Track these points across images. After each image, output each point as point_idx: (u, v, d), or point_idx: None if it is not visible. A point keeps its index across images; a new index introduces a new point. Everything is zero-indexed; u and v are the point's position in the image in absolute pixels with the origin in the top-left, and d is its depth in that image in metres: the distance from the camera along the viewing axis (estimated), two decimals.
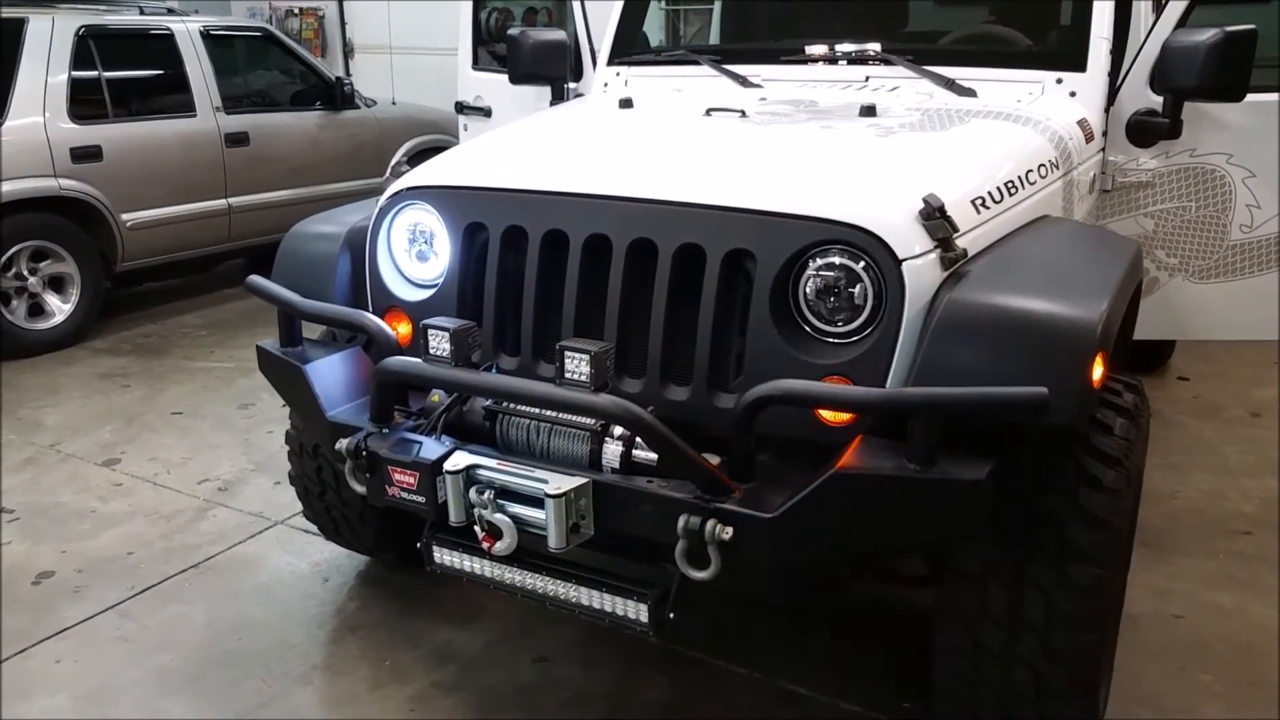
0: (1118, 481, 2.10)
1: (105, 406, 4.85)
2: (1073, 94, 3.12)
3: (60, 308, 5.70)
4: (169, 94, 6.15)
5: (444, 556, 2.38)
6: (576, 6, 4.17)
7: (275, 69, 7.02)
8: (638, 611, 2.17)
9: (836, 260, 2.11)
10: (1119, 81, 3.27)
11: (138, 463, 4.21)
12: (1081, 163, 2.96)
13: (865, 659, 2.85)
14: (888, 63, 3.24)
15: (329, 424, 2.42)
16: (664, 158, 2.57)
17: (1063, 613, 2.09)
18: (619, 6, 3.84)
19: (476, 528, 2.17)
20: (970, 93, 3.09)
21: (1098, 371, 1.94)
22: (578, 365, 2.01)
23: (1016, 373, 1.91)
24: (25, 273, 5.53)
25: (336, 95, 7.09)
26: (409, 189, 2.58)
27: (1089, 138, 3.06)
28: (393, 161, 2.82)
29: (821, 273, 2.13)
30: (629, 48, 3.82)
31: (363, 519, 3.02)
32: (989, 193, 2.35)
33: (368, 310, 2.63)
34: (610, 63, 3.79)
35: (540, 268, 2.37)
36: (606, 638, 2.88)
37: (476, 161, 2.65)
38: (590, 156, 2.64)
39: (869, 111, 2.79)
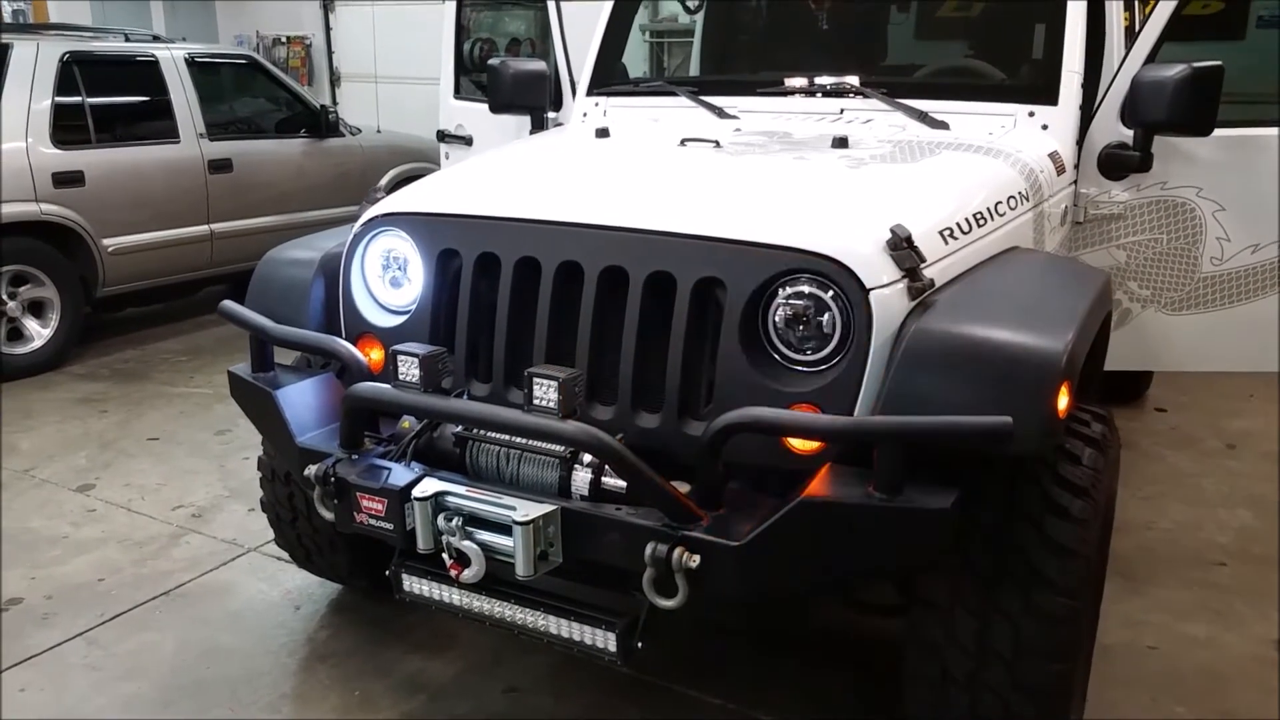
0: (1085, 511, 2.11)
1: (81, 432, 4.82)
2: (1045, 126, 3.15)
3: (39, 332, 5.68)
4: (153, 120, 6.16)
5: (413, 585, 2.36)
6: (556, 37, 4.21)
7: (260, 96, 7.04)
8: (606, 640, 2.16)
9: (805, 289, 2.12)
10: (1091, 114, 3.31)
11: (112, 488, 4.18)
12: (1053, 194, 2.99)
13: (838, 688, 2.84)
14: (863, 95, 3.28)
15: (298, 450, 2.41)
16: (636, 186, 2.59)
17: (1030, 642, 2.09)
18: (598, 38, 3.87)
19: (445, 555, 2.16)
20: (943, 125, 3.12)
21: (1063, 401, 1.95)
22: (545, 392, 2.01)
23: (982, 402, 1.92)
24: (4, 297, 5.50)
25: (321, 123, 7.11)
26: (383, 215, 2.59)
27: (1060, 170, 3.09)
28: (374, 188, 2.79)
29: (790, 301, 2.14)
30: (608, 78, 3.85)
31: (334, 546, 3.00)
32: (958, 223, 2.38)
33: (341, 336, 2.64)
34: (589, 93, 3.82)
35: (512, 294, 2.38)
36: (578, 667, 2.87)
37: (450, 189, 2.66)
38: (563, 185, 2.66)
39: (841, 143, 2.82)
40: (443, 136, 4.93)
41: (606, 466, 2.13)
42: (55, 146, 5.59)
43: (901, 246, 2.11)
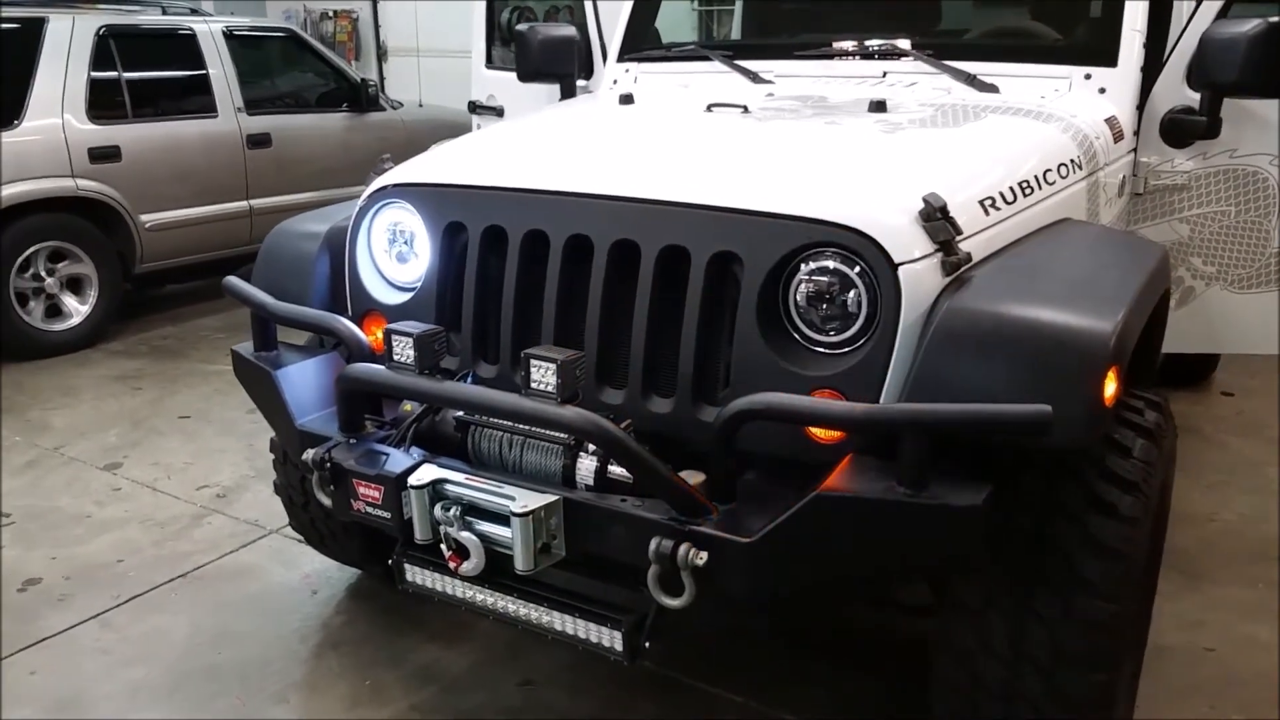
0: (1134, 509, 1.92)
1: (114, 409, 4.81)
2: (1102, 90, 2.93)
3: (77, 309, 5.69)
4: (190, 94, 6.13)
5: (416, 575, 2.26)
6: (588, 2, 4.04)
7: (300, 70, 6.98)
8: (611, 639, 2.03)
9: (829, 264, 1.96)
10: (1153, 77, 3.07)
11: (139, 467, 4.15)
12: (1109, 163, 2.77)
13: (866, 689, 2.68)
14: (907, 57, 3.07)
15: (297, 432, 2.31)
16: (653, 154, 2.43)
17: (1069, 650, 1.92)
18: (631, 2, 3.70)
19: (443, 546, 2.05)
20: (992, 88, 2.91)
21: (1110, 388, 1.76)
22: (544, 375, 1.87)
23: (1019, 388, 1.75)
24: (43, 273, 5.52)
25: (362, 97, 7.03)
26: (388, 187, 2.46)
27: (1118, 136, 2.87)
28: (381, 158, 2.67)
29: (813, 278, 1.98)
30: (640, 44, 3.68)
31: (347, 531, 2.91)
32: (1000, 193, 2.18)
33: (347, 313, 2.53)
34: (620, 59, 3.65)
35: (520, 270, 2.24)
36: (596, 661, 2.70)
37: (459, 159, 2.53)
38: (576, 154, 2.51)
39: (879, 107, 2.63)
40: (474, 108, 4.81)
41: None
42: (91, 121, 5.57)
43: (935, 217, 1.93)
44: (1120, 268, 2.13)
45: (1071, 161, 2.50)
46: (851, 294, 1.95)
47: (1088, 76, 2.93)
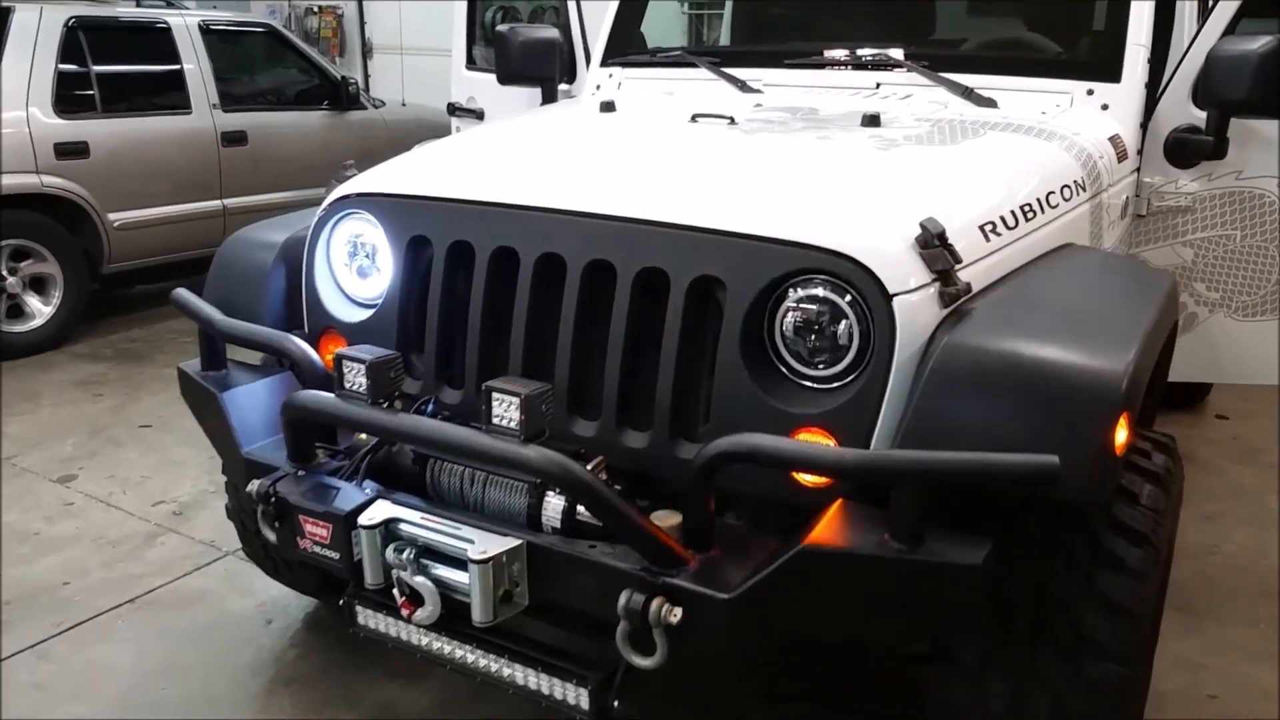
0: (1144, 562, 1.78)
1: (73, 417, 4.62)
2: (1105, 107, 2.79)
3: (41, 310, 5.49)
4: (164, 90, 5.93)
5: (368, 619, 2.09)
6: (571, 2, 3.89)
7: (278, 66, 6.79)
8: (578, 696, 1.87)
9: (818, 292, 1.81)
10: (1158, 94, 2.94)
11: (94, 480, 3.97)
12: (1113, 184, 2.64)
13: None
14: (901, 68, 2.92)
15: (243, 461, 2.15)
16: (632, 168, 2.27)
17: (1073, 715, 1.77)
18: (615, 4, 3.55)
19: (395, 591, 1.89)
20: (990, 103, 2.77)
21: (1122, 435, 1.62)
22: (506, 410, 1.72)
23: (1023, 434, 1.60)
24: (4, 272, 5.32)
25: (342, 95, 6.85)
26: (349, 196, 2.30)
27: (1122, 156, 2.73)
28: (343, 164, 2.50)
29: (800, 306, 1.83)
30: (624, 48, 3.53)
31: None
32: (1001, 217, 2.04)
33: (304, 331, 2.37)
34: (604, 63, 3.50)
35: (487, 290, 2.09)
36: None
37: (425, 168, 2.36)
38: (550, 165, 2.35)
39: (872, 121, 2.48)
40: (453, 110, 4.64)
41: None
42: (58, 116, 5.37)
43: (933, 244, 1.78)
44: (1131, 299, 1.99)
45: (1075, 183, 2.36)
46: (842, 325, 1.80)
47: (1090, 92, 2.80)
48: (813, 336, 1.82)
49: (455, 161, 2.42)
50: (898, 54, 2.91)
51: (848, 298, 1.79)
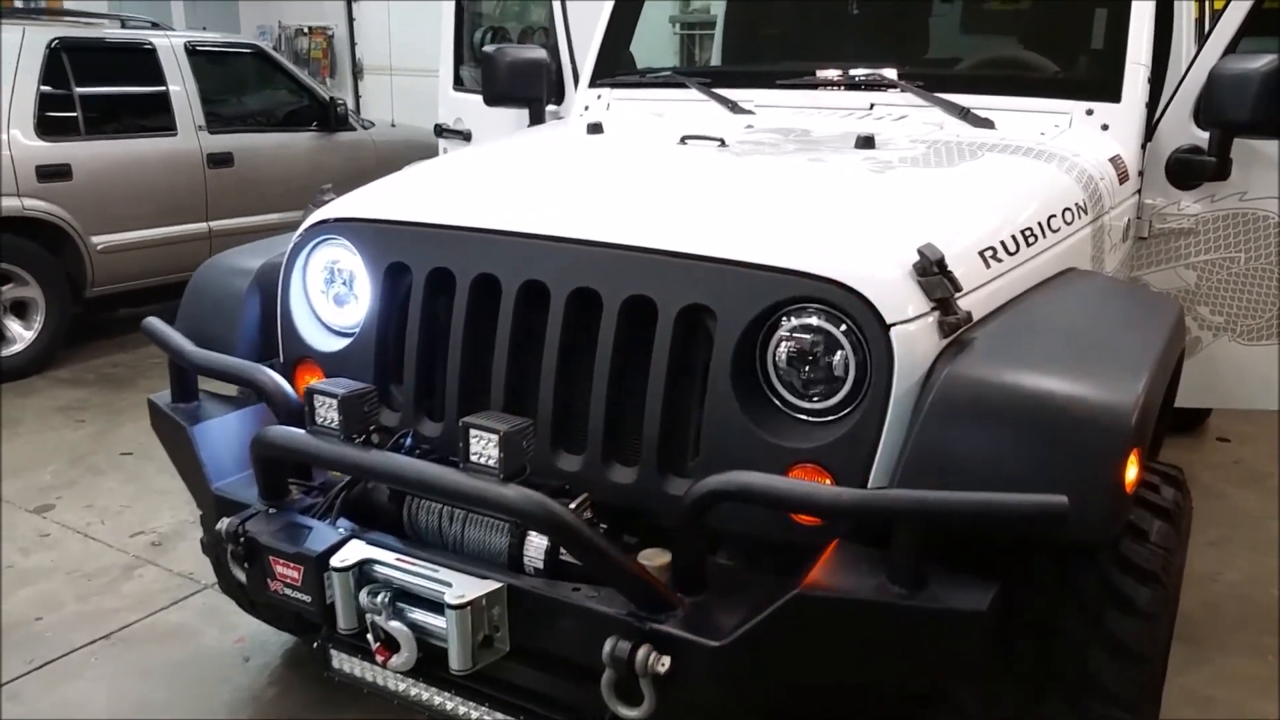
0: (1154, 603, 1.70)
1: (53, 444, 4.52)
2: (1105, 127, 2.73)
3: (22, 334, 5.39)
4: (148, 111, 5.85)
5: (343, 663, 2.01)
6: (559, 21, 3.83)
7: (266, 88, 6.73)
8: None
9: (812, 322, 1.73)
10: (1158, 114, 2.88)
11: (72, 510, 3.87)
12: (1114, 206, 2.57)
13: None
14: (896, 88, 2.86)
15: (213, 497, 2.06)
16: (618, 193, 2.20)
17: None
18: (604, 22, 3.49)
19: (370, 636, 1.79)
20: (987, 123, 2.70)
21: (1132, 472, 1.54)
22: (485, 447, 1.63)
23: (1030, 471, 1.53)
24: None
25: (331, 116, 6.78)
26: (325, 222, 2.23)
27: (1123, 177, 2.66)
28: (321, 189, 2.42)
29: (795, 336, 1.75)
30: (613, 68, 3.46)
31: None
32: (1002, 242, 1.97)
33: (278, 361, 2.28)
34: (592, 84, 3.44)
35: (468, 318, 2.01)
36: None
37: (404, 192, 2.29)
38: (533, 190, 2.27)
39: (866, 143, 2.41)
40: (440, 131, 4.57)
41: None
42: (40, 138, 5.29)
43: (932, 271, 1.71)
44: (1137, 327, 1.92)
45: (1076, 206, 2.29)
46: (837, 356, 1.72)
47: (1089, 112, 2.73)
48: (807, 368, 1.74)
49: (435, 186, 2.34)
50: (891, 74, 2.85)
51: (843, 327, 1.71)
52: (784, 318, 1.74)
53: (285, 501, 1.99)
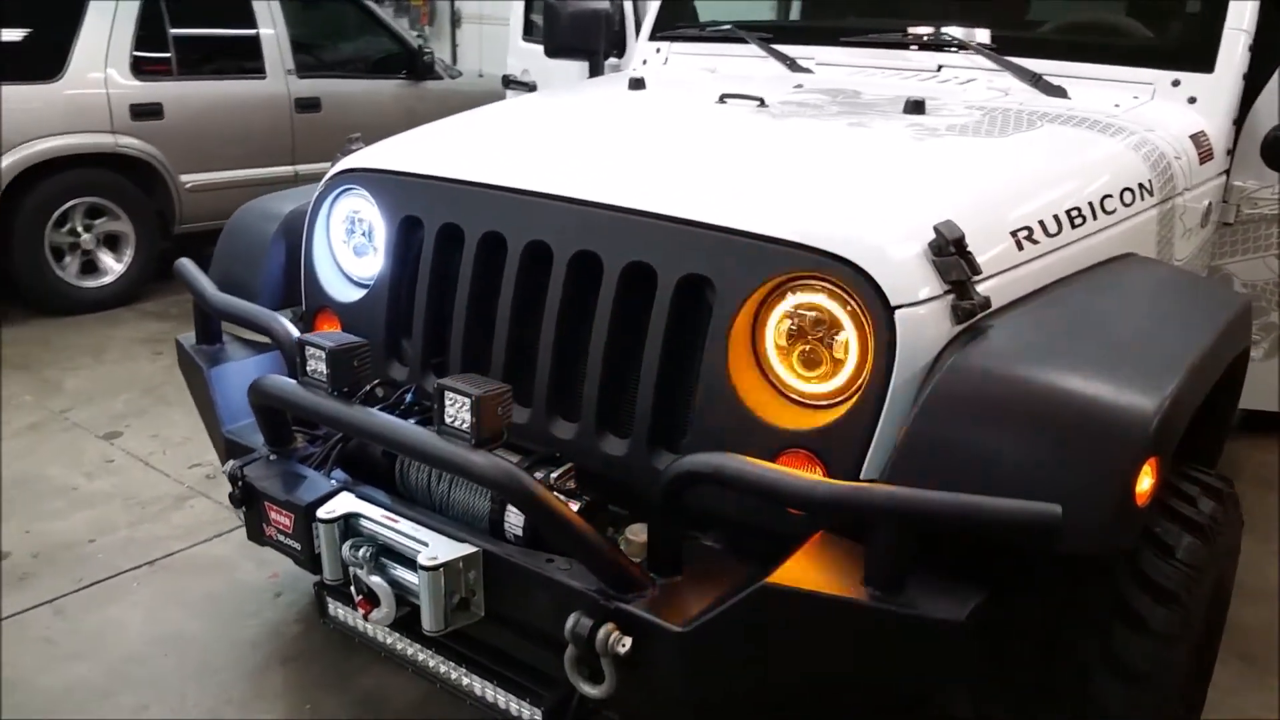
0: (1169, 624, 1.57)
1: (130, 374, 4.69)
2: (1192, 100, 2.51)
3: (113, 267, 5.58)
4: (239, 54, 5.95)
5: (337, 611, 2.02)
6: None
7: (355, 34, 6.76)
8: (532, 715, 1.75)
9: (815, 299, 1.63)
10: (1258, 87, 2.63)
11: (138, 439, 4.00)
12: (1192, 187, 2.37)
13: None
14: (962, 49, 2.68)
15: (224, 439, 2.08)
16: (633, 153, 2.11)
17: None
18: None
19: (353, 589, 1.79)
20: (1059, 91, 2.52)
21: (1145, 483, 1.41)
22: (459, 411, 1.59)
23: (1028, 475, 1.41)
24: (80, 229, 5.42)
25: (418, 65, 6.79)
26: (346, 172, 2.21)
27: (1206, 156, 2.45)
28: (350, 137, 2.40)
29: (797, 312, 1.65)
30: (675, 21, 3.35)
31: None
32: (1041, 221, 1.82)
33: (300, 309, 2.29)
34: (652, 37, 3.33)
35: (475, 276, 1.96)
36: None
37: (425, 145, 2.25)
38: (548, 147, 2.20)
39: (916, 108, 2.27)
40: (508, 82, 4.52)
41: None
42: (135, 78, 5.43)
43: (948, 251, 1.58)
44: (1185, 322, 1.75)
45: (1140, 186, 2.11)
46: (840, 337, 1.62)
47: (1175, 83, 2.52)
48: (806, 348, 1.65)
49: (455, 139, 2.29)
50: (956, 33, 2.67)
51: (849, 307, 1.61)
52: (786, 293, 1.65)
53: (289, 449, 2.00)
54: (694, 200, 1.74)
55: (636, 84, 2.69)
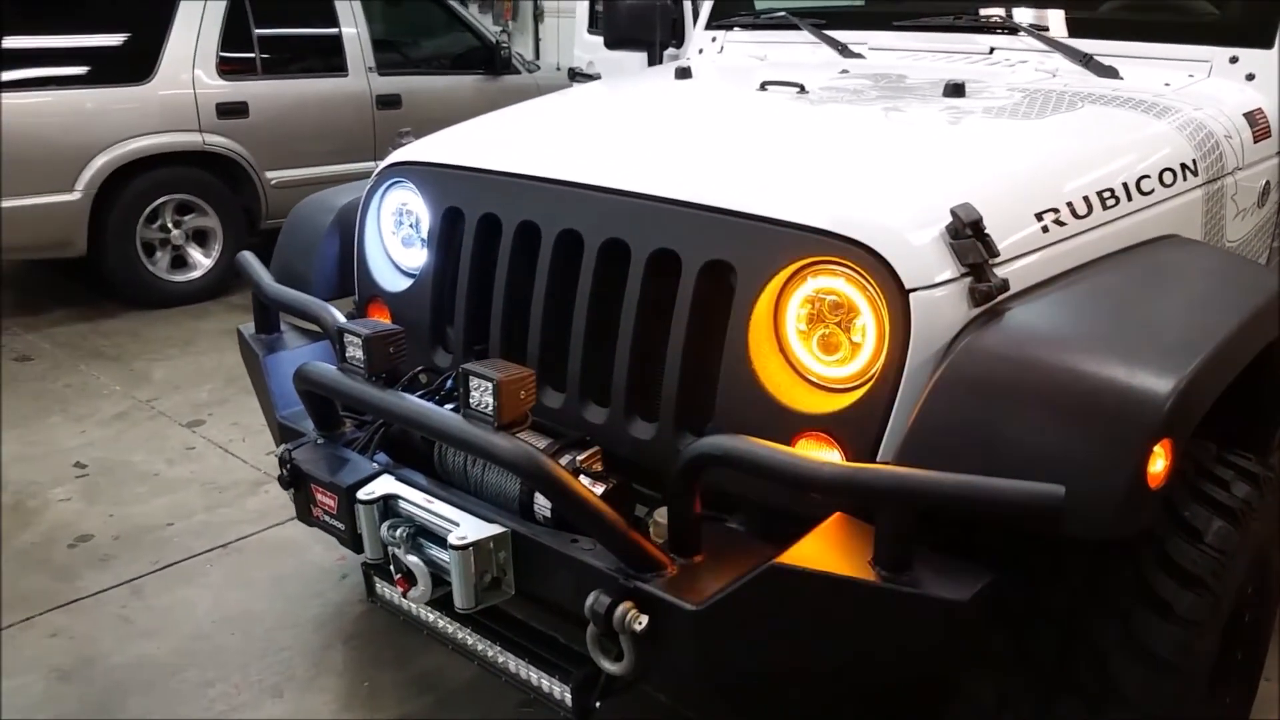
0: (1195, 610, 1.55)
1: (214, 364, 4.90)
2: (1250, 77, 2.43)
3: (201, 261, 5.84)
4: (322, 53, 6.15)
5: (384, 589, 2.10)
6: None
7: (434, 30, 6.92)
8: (561, 692, 1.81)
9: (833, 284, 1.65)
10: None
11: (219, 427, 4.19)
12: (1245, 166, 2.30)
13: None
14: (1010, 31, 2.64)
15: (278, 424, 2.18)
16: (665, 141, 2.14)
17: None
18: None
19: (392, 568, 1.87)
20: (1110, 72, 2.47)
21: (1159, 465, 1.39)
22: (482, 395, 1.65)
23: (1038, 457, 1.40)
24: (170, 225, 5.68)
25: (496, 60, 6.92)
26: (395, 165, 2.29)
27: (1263, 133, 2.38)
28: (400, 131, 2.49)
29: (818, 296, 1.67)
30: (732, 10, 3.36)
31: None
32: (1070, 203, 1.80)
33: (353, 299, 2.39)
34: (709, 26, 3.35)
35: (512, 265, 2.02)
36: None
37: (468, 138, 2.32)
38: (583, 138, 2.25)
39: (956, 91, 2.25)
40: (573, 75, 4.59)
41: (583, 480, 1.75)
42: (221, 78, 5.66)
43: (965, 234, 1.58)
44: (1218, 305, 1.72)
45: (1183, 166, 2.06)
46: (858, 321, 1.63)
47: (1233, 60, 2.44)
48: (826, 331, 1.66)
49: (498, 132, 2.36)
50: (997, 11, 2.63)
51: (866, 291, 1.62)
52: (806, 277, 1.67)
53: (337, 433, 2.09)
54: (716, 186, 1.77)
55: (683, 73, 2.72)
